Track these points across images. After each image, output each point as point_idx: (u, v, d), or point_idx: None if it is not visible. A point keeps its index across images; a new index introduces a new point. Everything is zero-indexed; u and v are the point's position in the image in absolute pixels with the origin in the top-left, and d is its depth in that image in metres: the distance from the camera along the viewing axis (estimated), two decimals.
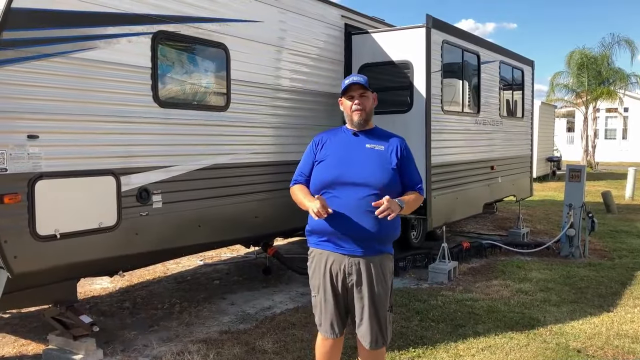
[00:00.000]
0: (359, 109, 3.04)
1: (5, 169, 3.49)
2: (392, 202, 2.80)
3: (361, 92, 3.05)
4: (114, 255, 4.20)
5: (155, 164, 4.43)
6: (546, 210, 12.17)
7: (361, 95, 3.05)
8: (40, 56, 3.67)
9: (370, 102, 3.09)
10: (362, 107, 3.04)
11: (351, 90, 3.06)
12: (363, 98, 3.05)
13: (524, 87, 9.67)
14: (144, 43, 4.32)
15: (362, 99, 3.04)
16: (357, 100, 3.03)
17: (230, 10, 5.07)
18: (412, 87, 6.44)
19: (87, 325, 4.09)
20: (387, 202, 2.78)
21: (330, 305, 3.03)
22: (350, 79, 3.07)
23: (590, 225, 7.63)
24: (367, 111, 3.06)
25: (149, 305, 5.59)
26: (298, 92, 5.93)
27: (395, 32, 6.73)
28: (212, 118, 4.95)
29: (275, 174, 5.50)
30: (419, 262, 7.06)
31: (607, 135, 32.99)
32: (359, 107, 3.03)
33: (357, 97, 3.04)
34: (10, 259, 3.52)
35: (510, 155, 9.04)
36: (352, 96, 3.06)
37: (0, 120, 3.47)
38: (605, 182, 18.43)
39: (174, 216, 4.61)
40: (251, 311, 5.39)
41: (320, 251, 3.04)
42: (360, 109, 3.03)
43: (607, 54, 24.10)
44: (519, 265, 7.13)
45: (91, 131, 3.98)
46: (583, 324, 4.96)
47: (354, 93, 3.05)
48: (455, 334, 4.69)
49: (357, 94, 3.05)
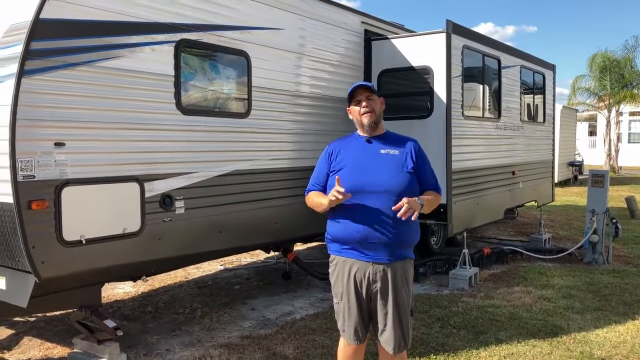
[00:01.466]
0: (368, 111, 3.04)
1: (33, 176, 3.57)
2: (412, 202, 2.81)
3: (367, 94, 3.05)
4: (137, 260, 4.25)
5: (177, 170, 4.49)
6: (568, 215, 12.01)
7: (368, 98, 3.06)
8: (66, 65, 3.74)
9: (378, 104, 3.09)
10: (371, 109, 3.04)
11: (357, 95, 3.07)
12: (370, 101, 3.06)
13: (545, 92, 9.59)
14: (167, 51, 4.39)
15: (369, 102, 3.05)
16: (364, 103, 3.04)
17: (252, 18, 5.13)
18: (432, 93, 6.43)
19: (111, 330, 4.14)
20: (407, 203, 2.78)
21: (354, 312, 3.04)
22: (355, 84, 3.10)
23: (614, 231, 7.51)
24: (377, 113, 3.07)
25: (171, 309, 5.65)
26: (318, 98, 5.96)
27: (415, 37, 6.72)
28: (233, 125, 5.00)
29: (295, 179, 5.53)
30: (440, 268, 7.02)
31: (631, 139, 32.42)
32: (368, 109, 3.03)
33: (364, 99, 3.05)
34: (37, 264, 3.59)
35: (531, 160, 8.96)
36: (359, 101, 3.07)
37: (28, 128, 3.55)
38: (629, 187, 18.12)
39: (195, 222, 4.66)
40: (272, 316, 5.41)
41: (344, 259, 3.05)
42: (369, 111, 3.04)
43: (630, 57, 23.72)
44: (540, 271, 7.05)
45: (116, 138, 4.05)
46: (607, 332, 4.89)
47: (361, 97, 3.06)
48: (476, 341, 4.65)
49: (364, 97, 3.06)
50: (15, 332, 5.00)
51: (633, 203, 11.95)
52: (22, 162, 3.51)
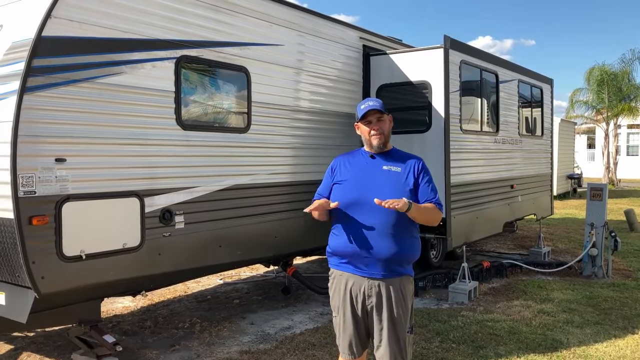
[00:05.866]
0: (378, 134, 3.07)
1: (34, 192, 3.59)
2: (397, 200, 2.81)
3: (378, 116, 3.09)
4: (137, 275, 4.27)
5: (177, 185, 4.52)
6: (567, 228, 12.01)
7: (378, 120, 3.09)
8: (68, 82, 3.78)
9: (387, 125, 3.12)
10: (381, 131, 3.08)
11: (368, 116, 3.10)
12: (380, 122, 3.09)
13: (543, 105, 9.64)
14: (168, 68, 4.43)
15: (380, 124, 3.08)
16: (375, 127, 3.07)
17: (251, 34, 5.18)
18: (431, 107, 6.47)
19: (110, 345, 4.14)
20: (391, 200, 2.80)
21: (349, 326, 3.05)
22: (366, 104, 3.10)
23: (613, 244, 7.52)
24: (386, 134, 3.10)
25: (170, 324, 5.63)
26: (317, 113, 6.00)
27: (413, 52, 6.78)
28: (233, 140, 5.03)
29: (294, 193, 5.56)
30: (439, 282, 7.01)
31: (629, 151, 32.48)
32: (378, 132, 3.07)
33: (374, 122, 3.08)
34: (37, 280, 3.61)
35: (530, 174, 8.99)
36: (369, 121, 3.10)
37: (29, 144, 3.58)
38: (628, 200, 18.14)
39: (195, 236, 4.68)
40: (271, 331, 5.40)
41: (341, 273, 3.07)
42: (379, 134, 3.07)
43: (627, 70, 23.83)
44: (540, 285, 7.05)
45: (116, 154, 4.08)
46: (607, 346, 4.88)
47: (372, 118, 3.09)
48: (476, 355, 4.64)
49: (375, 118, 3.09)
50: (15, 347, 4.98)
51: (632, 216, 11.95)
52: (23, 177, 3.53)
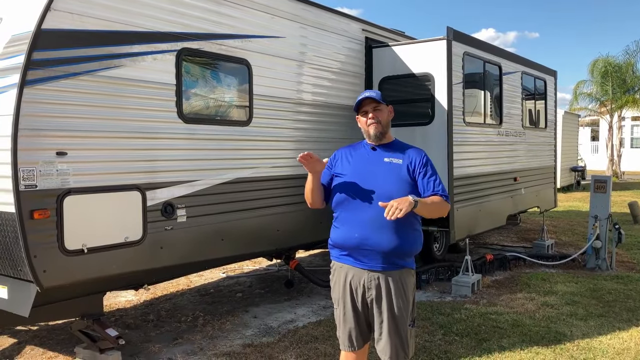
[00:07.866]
0: (374, 122, 3.05)
1: (35, 186, 3.58)
2: (401, 201, 2.74)
3: (374, 105, 3.07)
4: (139, 269, 4.26)
5: (179, 178, 4.50)
6: (571, 221, 11.98)
7: (375, 109, 3.07)
8: (68, 75, 3.76)
9: (385, 114, 3.10)
10: (377, 119, 3.05)
11: (364, 106, 3.08)
12: (377, 111, 3.07)
13: (546, 97, 9.59)
14: (169, 60, 4.41)
15: (376, 113, 3.06)
16: (370, 114, 3.06)
17: (252, 27, 5.15)
18: (434, 100, 6.44)
19: (113, 339, 4.14)
20: (395, 201, 2.72)
21: (349, 318, 3.04)
22: (362, 94, 3.10)
23: (617, 236, 7.49)
24: (383, 124, 3.07)
25: (173, 318, 5.64)
26: (319, 105, 5.97)
27: (415, 44, 6.74)
28: (235, 133, 5.01)
29: (296, 187, 5.52)
30: (442, 274, 7.00)
31: (633, 144, 32.31)
32: (374, 120, 3.05)
33: (370, 111, 3.07)
34: (39, 274, 3.60)
35: (533, 166, 8.95)
36: (366, 111, 3.08)
37: (30, 138, 3.57)
38: (632, 192, 18.07)
39: (197, 230, 4.67)
40: (274, 324, 5.40)
41: (341, 265, 3.05)
42: (375, 122, 3.05)
43: (631, 62, 23.67)
44: (543, 277, 7.03)
45: (118, 147, 4.06)
46: (611, 338, 4.86)
47: (367, 108, 3.08)
48: (479, 348, 4.63)
49: (371, 107, 3.07)
50: (17, 341, 4.99)
51: (636, 208, 11.90)
52: (24, 171, 3.52)
